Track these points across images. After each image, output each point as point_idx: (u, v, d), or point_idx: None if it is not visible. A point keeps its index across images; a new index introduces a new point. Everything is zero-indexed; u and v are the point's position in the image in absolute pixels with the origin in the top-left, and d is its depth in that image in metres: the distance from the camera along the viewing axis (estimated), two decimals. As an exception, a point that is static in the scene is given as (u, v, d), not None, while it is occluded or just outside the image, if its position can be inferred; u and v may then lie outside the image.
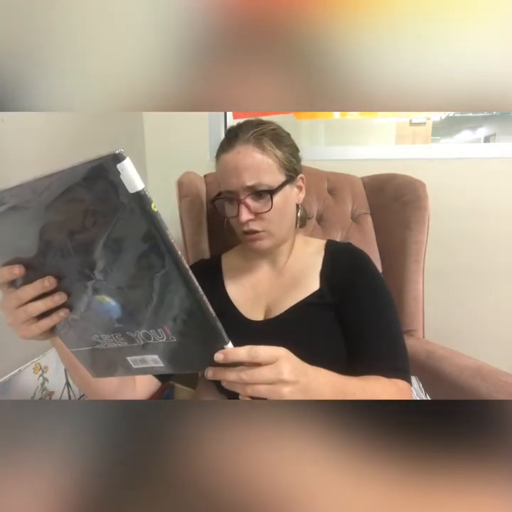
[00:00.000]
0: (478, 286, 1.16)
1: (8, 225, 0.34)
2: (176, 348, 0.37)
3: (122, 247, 0.31)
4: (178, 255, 0.31)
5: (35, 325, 0.38)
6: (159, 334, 0.36)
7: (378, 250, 0.95)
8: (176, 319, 0.34)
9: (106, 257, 0.32)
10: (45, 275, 0.36)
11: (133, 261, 0.32)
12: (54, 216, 0.32)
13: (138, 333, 0.37)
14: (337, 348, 0.63)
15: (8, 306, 0.38)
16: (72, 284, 0.36)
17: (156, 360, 0.38)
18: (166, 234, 0.30)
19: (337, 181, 1.00)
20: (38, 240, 0.34)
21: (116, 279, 0.34)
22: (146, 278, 0.32)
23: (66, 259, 0.34)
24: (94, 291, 0.35)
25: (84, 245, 0.32)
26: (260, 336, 0.44)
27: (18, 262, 0.36)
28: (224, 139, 0.65)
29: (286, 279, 0.69)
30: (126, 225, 0.30)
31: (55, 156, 0.78)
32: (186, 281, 0.32)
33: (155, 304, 0.34)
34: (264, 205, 0.62)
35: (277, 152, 0.62)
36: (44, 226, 0.33)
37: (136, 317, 0.36)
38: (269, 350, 0.37)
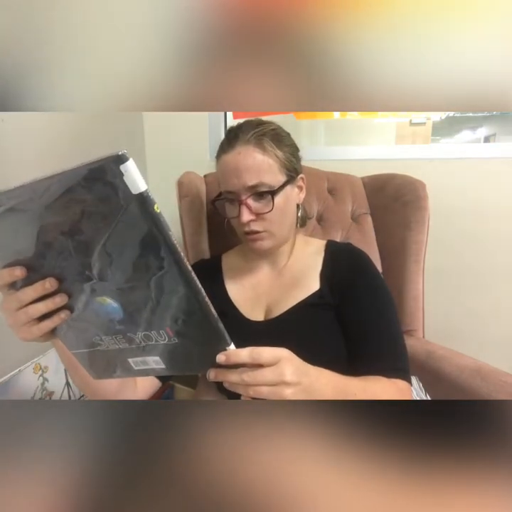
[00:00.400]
0: (478, 286, 1.16)
1: (6, 226, 0.34)
2: (177, 349, 0.36)
3: (123, 248, 0.31)
4: (180, 256, 0.30)
5: (35, 327, 0.38)
6: (161, 335, 0.36)
7: (378, 250, 0.95)
8: (177, 320, 0.34)
9: (107, 258, 0.32)
10: (46, 277, 0.36)
11: (133, 262, 0.32)
12: (55, 217, 0.32)
13: (139, 334, 0.37)
14: (337, 348, 0.63)
15: (8, 308, 0.38)
16: (72, 286, 0.36)
17: (158, 361, 0.38)
18: (168, 235, 0.29)
19: (337, 181, 1.00)
20: (37, 242, 0.34)
21: (117, 280, 0.33)
22: (146, 279, 0.32)
23: (67, 261, 0.34)
24: (95, 292, 0.35)
25: (85, 246, 0.32)
26: (260, 336, 0.44)
27: (18, 263, 0.36)
28: (224, 139, 0.65)
29: (287, 279, 0.69)
30: (128, 226, 0.30)
31: (55, 156, 0.78)
32: (189, 282, 0.31)
33: (156, 305, 0.34)
34: (265, 205, 0.62)
35: (278, 152, 0.62)
36: (44, 227, 0.33)
37: (137, 318, 0.35)
38: (271, 352, 0.37)
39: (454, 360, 0.75)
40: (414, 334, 0.90)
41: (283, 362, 0.37)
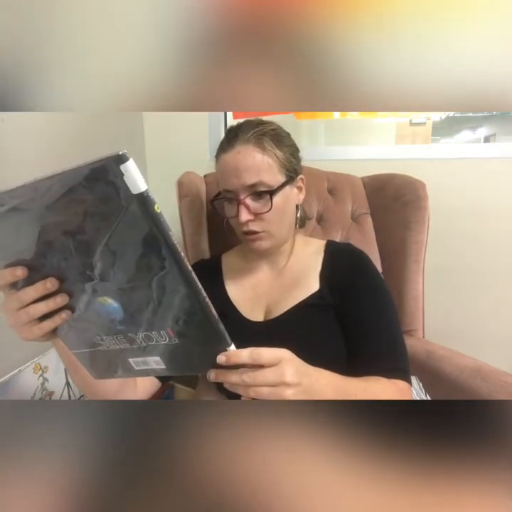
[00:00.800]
0: (478, 286, 1.16)
1: (8, 226, 0.34)
2: (178, 349, 0.36)
3: (124, 248, 0.31)
4: (181, 256, 0.30)
5: (36, 327, 0.38)
6: (161, 336, 0.36)
7: (378, 250, 0.95)
8: (178, 321, 0.34)
9: (107, 259, 0.32)
10: (47, 276, 0.36)
11: (134, 262, 0.32)
12: (55, 217, 0.32)
13: (140, 334, 0.37)
14: (337, 349, 0.63)
15: (9, 308, 0.38)
16: (73, 286, 0.36)
17: (158, 361, 0.38)
18: (168, 235, 0.29)
19: (337, 181, 1.00)
20: (39, 241, 0.34)
21: (119, 281, 0.33)
22: (147, 279, 0.32)
23: (67, 261, 0.34)
24: (96, 292, 0.35)
25: (86, 246, 0.32)
26: (260, 336, 0.44)
27: (19, 263, 0.36)
28: (224, 138, 0.65)
29: (286, 279, 0.69)
30: (129, 226, 0.30)
31: (55, 156, 0.78)
32: (189, 282, 0.31)
33: (157, 305, 0.34)
34: (263, 205, 0.62)
35: (278, 152, 0.62)
36: (45, 227, 0.33)
37: (138, 319, 0.35)
38: (271, 352, 0.37)
39: (454, 360, 0.75)
40: (414, 334, 0.90)
41: (283, 363, 0.37)
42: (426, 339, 0.89)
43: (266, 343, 0.38)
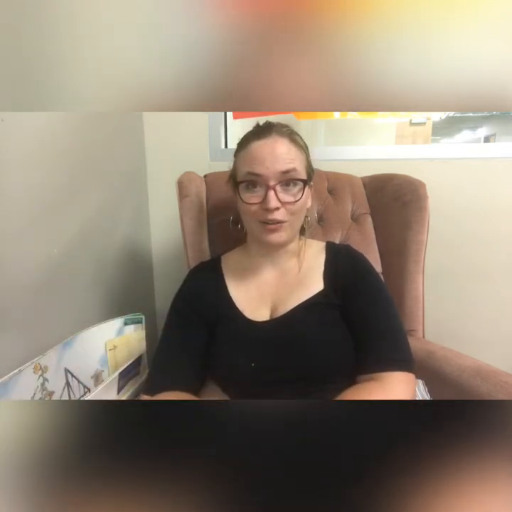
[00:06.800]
0: (478, 286, 1.16)
1: None
2: None
3: None
4: None
5: None
6: None
7: (378, 250, 0.95)
8: None
9: None
10: None
11: None
12: None
13: None
14: (342, 346, 0.63)
15: None
16: None
17: None
18: None
19: (337, 181, 1.00)
20: None
21: None
22: None
23: None
24: None
25: None
26: (266, 335, 0.44)
27: None
28: (256, 129, 0.67)
29: (291, 278, 0.70)
30: None
31: (55, 156, 0.78)
32: None
33: None
34: (293, 195, 0.63)
35: (305, 151, 0.66)
36: None
37: None
38: None
39: (454, 360, 0.75)
40: (414, 334, 0.90)
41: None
42: (426, 339, 0.89)
43: (272, 341, 0.37)
